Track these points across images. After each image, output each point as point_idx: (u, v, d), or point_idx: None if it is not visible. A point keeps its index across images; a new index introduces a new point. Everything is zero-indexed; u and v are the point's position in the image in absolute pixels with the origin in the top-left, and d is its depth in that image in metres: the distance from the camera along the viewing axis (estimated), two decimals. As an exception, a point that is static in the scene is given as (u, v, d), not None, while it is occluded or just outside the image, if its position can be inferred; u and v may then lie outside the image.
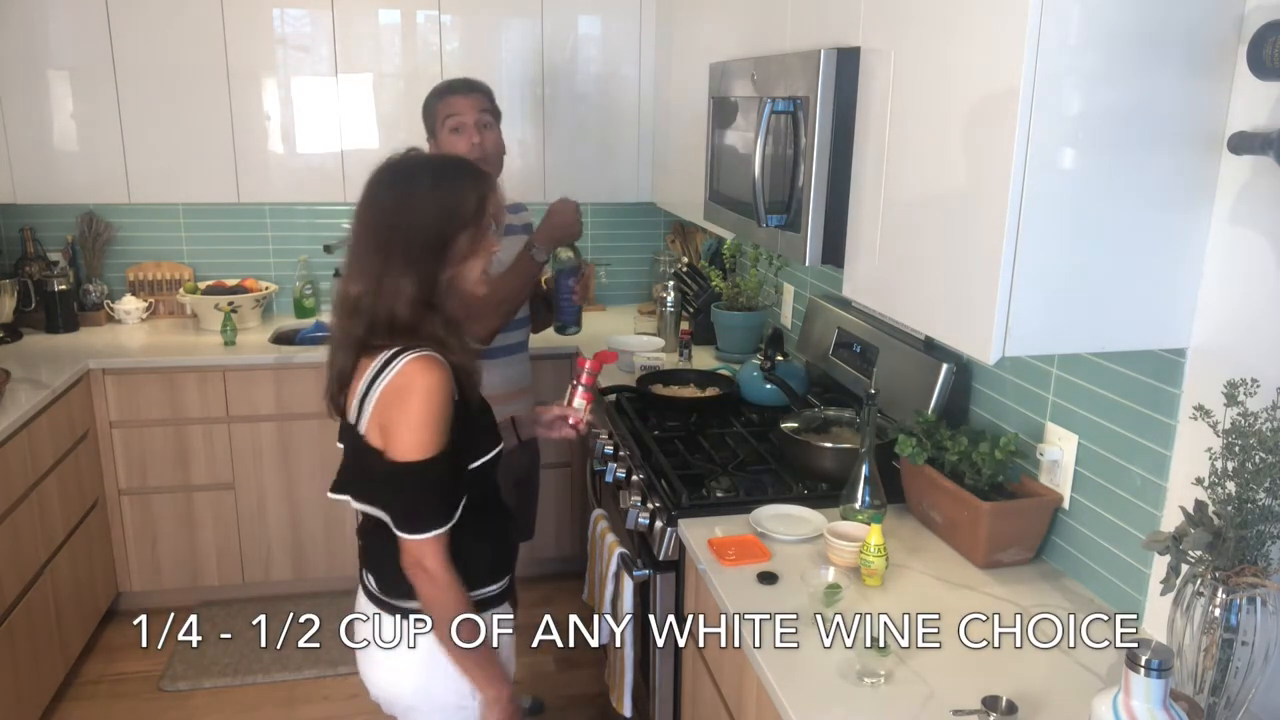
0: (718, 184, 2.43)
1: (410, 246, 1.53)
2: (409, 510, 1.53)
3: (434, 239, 1.54)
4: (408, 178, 1.58)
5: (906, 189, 1.64)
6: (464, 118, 2.38)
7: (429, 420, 1.50)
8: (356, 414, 1.57)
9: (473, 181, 1.61)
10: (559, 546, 3.63)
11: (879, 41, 1.71)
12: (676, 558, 2.05)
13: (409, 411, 1.49)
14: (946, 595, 1.72)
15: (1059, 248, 1.37)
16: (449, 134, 2.39)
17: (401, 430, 1.50)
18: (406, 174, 1.58)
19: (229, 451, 3.34)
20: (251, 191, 3.47)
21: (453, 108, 2.39)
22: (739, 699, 1.70)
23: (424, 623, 1.61)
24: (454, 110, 2.39)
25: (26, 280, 3.53)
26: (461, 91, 2.41)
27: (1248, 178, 1.35)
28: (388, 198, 1.56)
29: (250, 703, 3.00)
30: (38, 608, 2.75)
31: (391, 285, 1.52)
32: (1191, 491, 1.39)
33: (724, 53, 2.52)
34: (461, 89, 2.42)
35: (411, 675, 1.65)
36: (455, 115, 2.38)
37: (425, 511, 1.53)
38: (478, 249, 1.60)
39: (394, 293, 1.52)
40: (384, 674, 1.68)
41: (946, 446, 1.89)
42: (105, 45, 3.23)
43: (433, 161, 1.65)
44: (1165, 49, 1.33)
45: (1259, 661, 1.26)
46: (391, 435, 1.51)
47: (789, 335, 3.08)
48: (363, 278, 1.55)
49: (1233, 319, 1.40)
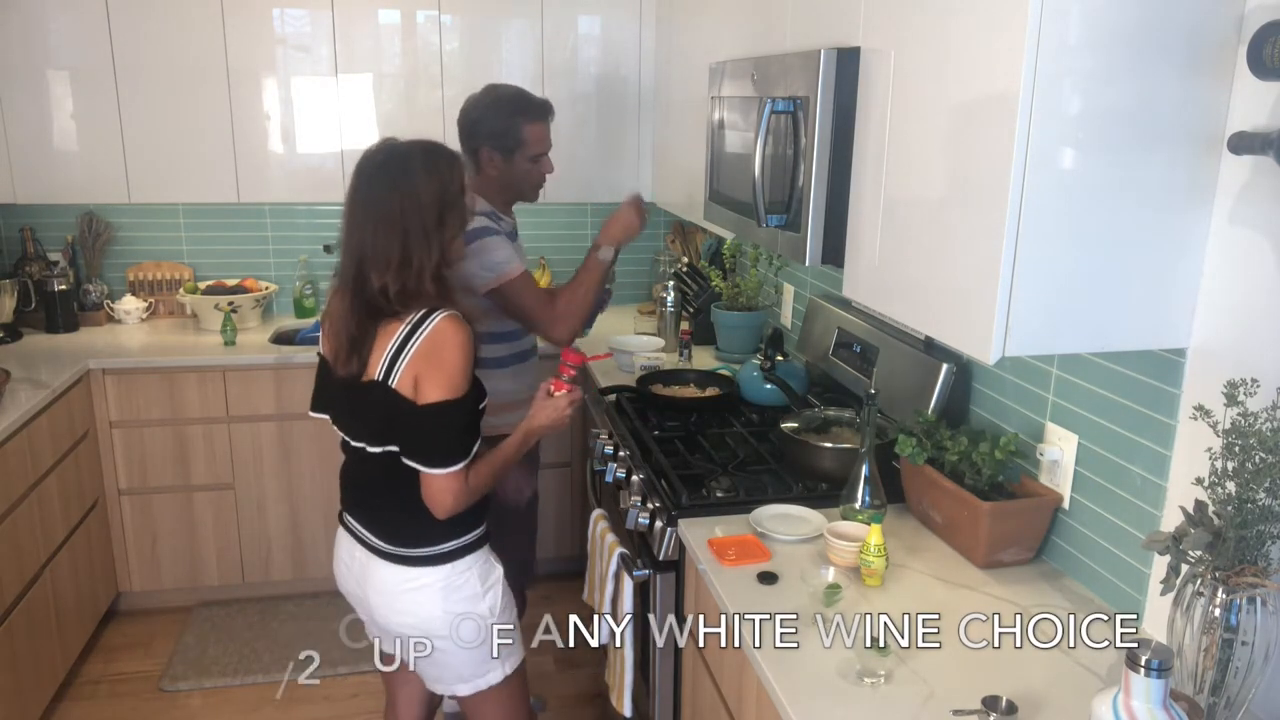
0: (718, 184, 2.43)
1: (424, 224, 1.72)
2: (439, 446, 1.74)
3: (437, 215, 1.74)
4: (404, 164, 1.75)
5: (906, 189, 1.64)
6: (546, 146, 2.38)
7: (461, 368, 1.72)
8: (386, 370, 1.73)
9: (451, 163, 1.81)
10: (559, 546, 3.63)
11: (879, 41, 1.71)
12: (676, 558, 2.05)
13: (445, 360, 1.71)
14: (946, 595, 1.72)
15: (1059, 248, 1.37)
16: (530, 162, 2.37)
17: (438, 376, 1.71)
18: (402, 161, 1.75)
19: (229, 451, 3.34)
20: (251, 191, 3.47)
21: (543, 137, 2.37)
22: (739, 699, 1.70)
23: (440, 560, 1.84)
24: (543, 138, 2.38)
25: (26, 280, 3.53)
26: (550, 118, 2.39)
27: (1248, 178, 1.35)
28: (393, 182, 1.73)
29: (250, 703, 3.00)
30: (38, 608, 2.75)
31: (418, 261, 1.72)
32: (1191, 491, 1.39)
33: (724, 53, 2.52)
34: (550, 114, 2.39)
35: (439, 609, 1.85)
36: (542, 143, 2.37)
37: (452, 448, 1.74)
38: (463, 222, 1.82)
39: (420, 269, 1.72)
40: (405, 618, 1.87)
41: (946, 446, 1.89)
42: (105, 45, 3.23)
43: (416, 147, 1.79)
44: (1165, 49, 1.33)
45: (1259, 661, 1.26)
46: (428, 381, 1.71)
47: (789, 335, 3.08)
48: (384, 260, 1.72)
49: (1232, 319, 1.40)
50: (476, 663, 1.91)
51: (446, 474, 1.74)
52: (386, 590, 1.87)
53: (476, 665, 1.92)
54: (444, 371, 1.71)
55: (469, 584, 1.87)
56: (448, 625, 1.85)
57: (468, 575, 1.87)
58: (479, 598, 1.88)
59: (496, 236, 2.29)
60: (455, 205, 1.78)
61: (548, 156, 2.41)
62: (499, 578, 1.94)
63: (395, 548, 1.85)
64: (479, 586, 1.89)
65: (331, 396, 1.90)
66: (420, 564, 1.84)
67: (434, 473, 1.74)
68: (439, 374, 1.71)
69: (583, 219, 4.06)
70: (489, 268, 2.25)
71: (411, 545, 1.84)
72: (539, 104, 2.40)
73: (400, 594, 1.86)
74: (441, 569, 1.85)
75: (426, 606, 1.85)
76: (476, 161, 2.39)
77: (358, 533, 1.91)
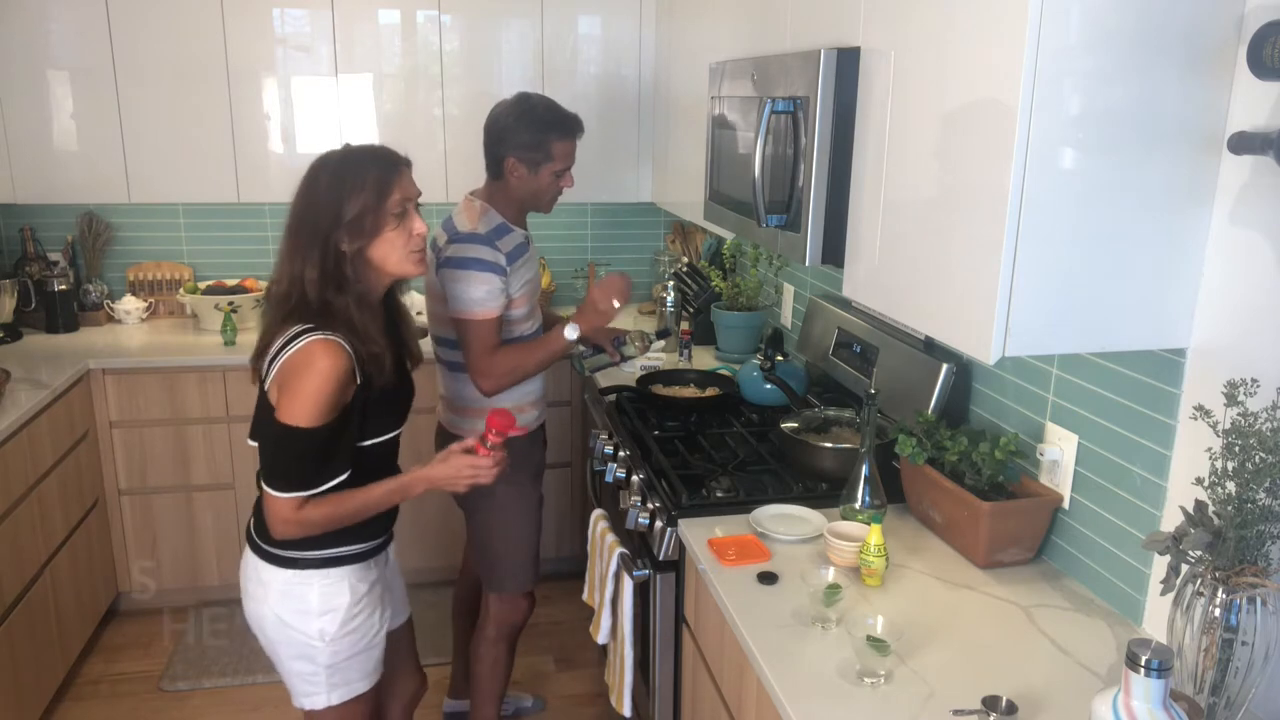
0: (718, 184, 2.43)
1: (310, 230, 1.70)
2: (276, 467, 1.70)
3: (329, 220, 1.69)
4: (314, 169, 1.75)
5: (906, 189, 1.64)
6: (571, 162, 2.36)
7: (316, 397, 1.65)
8: (265, 372, 1.73)
9: (374, 164, 1.74)
10: (559, 546, 3.63)
11: (879, 41, 1.71)
12: (676, 558, 2.05)
13: (300, 385, 1.65)
14: (946, 595, 1.72)
15: (1059, 248, 1.37)
16: (554, 177, 2.36)
17: (290, 399, 1.66)
18: (314, 167, 1.75)
19: (229, 451, 3.34)
20: (251, 191, 3.46)
21: (570, 153, 2.36)
22: (739, 699, 1.70)
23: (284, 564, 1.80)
24: (570, 154, 2.36)
25: (26, 280, 3.53)
26: (580, 134, 2.37)
27: (1248, 178, 1.36)
28: (298, 190, 1.75)
29: (250, 703, 3.00)
30: (38, 608, 2.75)
31: (297, 269, 1.69)
32: (1191, 491, 1.39)
33: (724, 53, 2.52)
34: (580, 131, 2.37)
35: (270, 609, 1.82)
36: (569, 158, 2.36)
37: (289, 472, 1.69)
38: (381, 226, 1.72)
39: (299, 277, 1.69)
40: (250, 604, 1.86)
41: (946, 446, 1.89)
42: (105, 45, 3.23)
43: (341, 153, 1.78)
44: (1165, 49, 1.33)
45: (1259, 661, 1.26)
46: (282, 400, 1.67)
47: (789, 335, 3.08)
48: (278, 267, 1.74)
49: (1233, 319, 1.40)
50: (295, 677, 1.87)
51: (277, 497, 1.69)
52: (243, 574, 1.88)
53: (296, 680, 1.87)
54: (295, 396, 1.65)
55: (304, 598, 1.80)
56: (274, 628, 1.82)
57: (304, 589, 1.80)
58: (310, 616, 1.80)
59: (488, 273, 2.24)
60: (357, 220, 1.69)
61: (570, 172, 2.40)
62: (344, 606, 1.82)
63: (253, 533, 1.85)
64: (314, 604, 1.80)
65: None
66: (263, 558, 1.82)
67: (267, 490, 1.71)
68: (290, 398, 1.66)
69: (582, 219, 4.07)
70: (459, 299, 2.24)
71: (262, 537, 1.82)
72: (571, 120, 2.36)
73: (247, 579, 1.87)
74: (282, 572, 1.80)
75: (260, 602, 1.83)
76: (499, 169, 2.36)
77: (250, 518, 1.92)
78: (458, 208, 2.37)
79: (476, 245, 2.25)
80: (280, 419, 1.66)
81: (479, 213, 2.32)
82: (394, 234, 1.74)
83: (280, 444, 1.68)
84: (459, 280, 2.24)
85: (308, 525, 1.72)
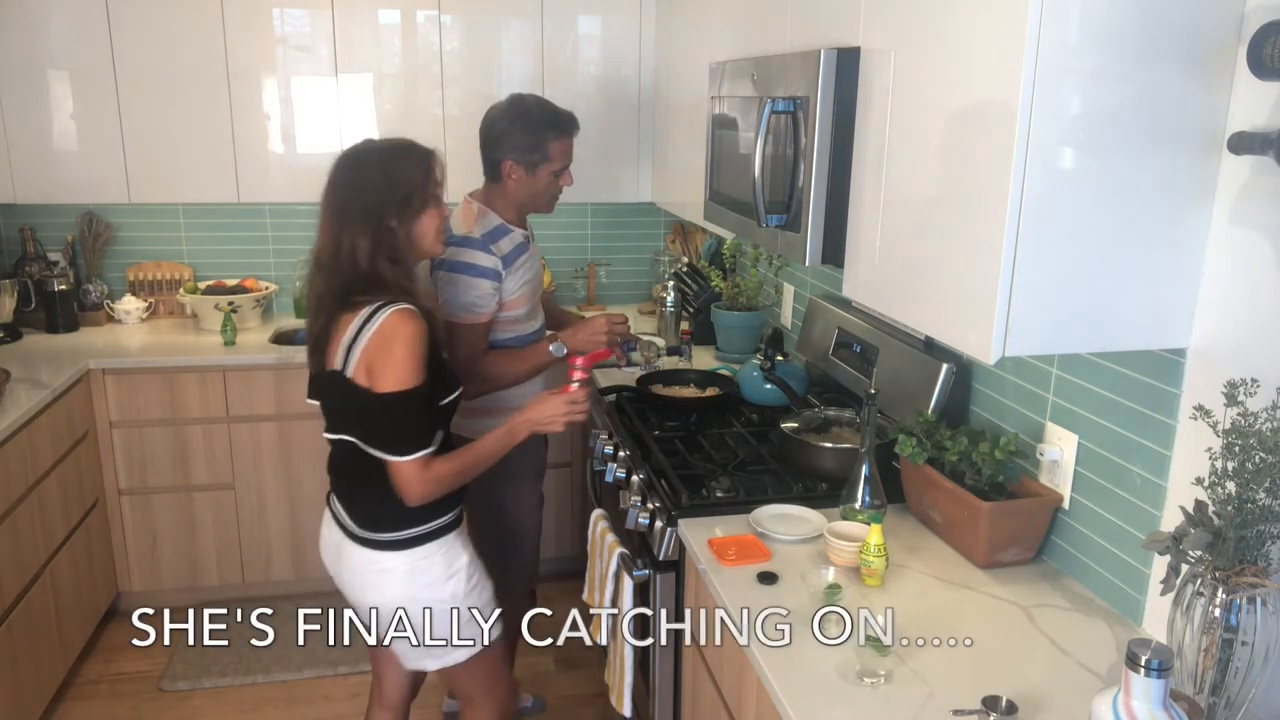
0: (718, 184, 2.43)
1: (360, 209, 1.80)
2: (396, 433, 1.80)
3: (379, 199, 1.81)
4: (355, 156, 1.87)
5: (906, 189, 1.64)
6: (569, 160, 2.36)
7: (411, 359, 1.77)
8: (344, 360, 1.80)
9: (416, 151, 1.90)
10: (559, 546, 3.63)
11: (879, 41, 1.71)
12: (676, 558, 2.05)
13: (394, 353, 1.76)
14: (946, 595, 1.72)
15: (1059, 248, 1.37)
16: (552, 177, 2.35)
17: (387, 368, 1.76)
18: (354, 154, 1.87)
19: (229, 451, 3.34)
20: (251, 191, 3.46)
21: (568, 152, 2.35)
22: (739, 699, 1.70)
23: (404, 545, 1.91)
24: (568, 153, 2.35)
25: (26, 280, 3.53)
26: (576, 132, 2.37)
27: (1248, 178, 1.36)
28: (341, 173, 1.85)
29: (250, 703, 3.00)
30: (38, 608, 2.75)
31: (347, 243, 1.79)
32: (1191, 491, 1.39)
33: (724, 53, 2.52)
34: (576, 129, 2.37)
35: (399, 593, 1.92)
36: (566, 157, 2.35)
37: (409, 435, 1.81)
38: (425, 206, 1.87)
39: (351, 248, 1.79)
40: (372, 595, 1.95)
41: (946, 446, 1.89)
42: (105, 45, 3.23)
43: (381, 142, 1.92)
44: (1165, 49, 1.33)
45: (1259, 661, 1.26)
46: (378, 374, 1.77)
47: (789, 335, 3.08)
48: (324, 239, 1.83)
49: (1233, 319, 1.40)
50: (441, 646, 1.98)
51: (406, 462, 1.81)
52: (356, 570, 1.95)
53: (441, 647, 1.98)
54: (391, 364, 1.76)
55: (432, 569, 1.93)
56: (411, 608, 1.92)
57: (430, 562, 1.93)
58: (441, 583, 1.94)
59: (478, 278, 2.25)
60: (405, 200, 1.83)
61: (569, 170, 2.39)
62: (464, 565, 1.98)
63: (364, 531, 1.92)
64: (442, 572, 1.94)
65: (316, 386, 1.97)
66: (384, 548, 1.91)
67: (395, 460, 1.81)
68: (387, 367, 1.76)
69: (582, 219, 4.07)
70: (448, 303, 2.25)
71: (376, 530, 1.91)
72: (566, 119, 2.36)
73: (367, 574, 1.94)
74: (404, 554, 1.91)
75: (390, 589, 1.92)
76: (497, 172, 2.35)
77: (336, 514, 1.98)
78: (455, 210, 2.37)
79: (469, 250, 2.25)
80: (384, 390, 1.77)
81: (475, 215, 2.32)
82: (431, 214, 1.89)
83: (392, 412, 1.78)
84: (449, 284, 2.26)
85: (439, 480, 1.85)
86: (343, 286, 1.81)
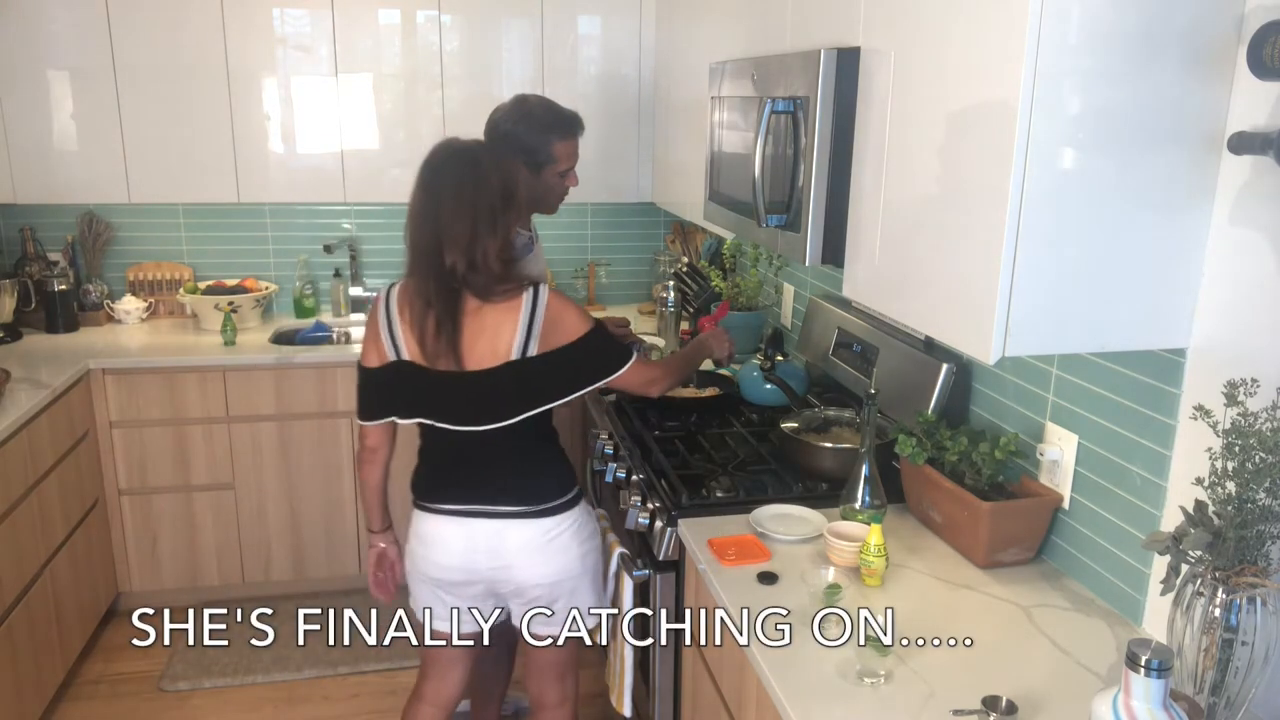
0: (718, 184, 2.43)
1: (491, 205, 1.89)
2: (612, 354, 2.04)
3: (502, 200, 1.91)
4: (472, 155, 1.93)
5: (906, 189, 1.64)
6: (574, 161, 2.35)
7: (580, 313, 1.99)
8: (523, 347, 1.92)
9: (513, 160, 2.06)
10: (559, 546, 3.63)
11: (879, 41, 1.71)
12: (676, 558, 2.05)
13: (568, 310, 1.97)
14: (946, 595, 1.72)
15: (1059, 247, 1.37)
16: (558, 177, 2.34)
17: (571, 321, 1.97)
18: (470, 152, 1.94)
19: (229, 451, 3.34)
20: (251, 191, 3.47)
21: (573, 153, 2.34)
22: (739, 699, 1.70)
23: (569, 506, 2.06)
24: (573, 153, 2.34)
25: (26, 280, 3.52)
26: (581, 133, 2.36)
27: (1248, 178, 1.35)
28: (464, 169, 1.90)
29: (250, 703, 3.00)
30: (38, 608, 2.75)
31: (484, 242, 1.88)
32: (1191, 491, 1.39)
33: (724, 53, 2.52)
34: (581, 129, 2.36)
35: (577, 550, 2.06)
36: (572, 158, 2.34)
37: (618, 352, 2.04)
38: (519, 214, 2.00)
39: (486, 249, 1.88)
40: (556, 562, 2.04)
41: (946, 446, 1.89)
42: (105, 45, 3.23)
43: (480, 144, 2.02)
44: (1165, 49, 1.33)
45: (1259, 661, 1.26)
46: (567, 329, 1.96)
47: (789, 335, 3.08)
48: (456, 238, 1.88)
49: (1233, 319, 1.40)
50: (599, 592, 2.15)
51: (632, 366, 2.03)
52: (531, 547, 2.01)
53: (599, 594, 2.15)
54: (571, 316, 1.96)
55: (589, 522, 2.11)
56: (582, 564, 2.07)
57: (585, 514, 2.10)
58: (596, 533, 2.14)
59: None
60: (514, 196, 1.95)
61: (574, 171, 2.39)
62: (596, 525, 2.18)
63: (534, 505, 2.01)
64: (594, 524, 2.15)
65: (424, 395, 1.98)
66: (556, 513, 2.03)
67: (624, 372, 2.03)
68: (570, 320, 1.96)
69: (582, 219, 4.07)
70: None
71: (547, 500, 2.02)
72: (571, 119, 2.34)
73: (543, 547, 2.02)
74: (571, 513, 2.05)
75: (565, 553, 2.04)
76: None
77: (483, 510, 2.01)
78: None
79: None
80: (580, 334, 1.96)
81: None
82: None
83: (596, 343, 2.00)
84: None
85: (660, 376, 2.14)
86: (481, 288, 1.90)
